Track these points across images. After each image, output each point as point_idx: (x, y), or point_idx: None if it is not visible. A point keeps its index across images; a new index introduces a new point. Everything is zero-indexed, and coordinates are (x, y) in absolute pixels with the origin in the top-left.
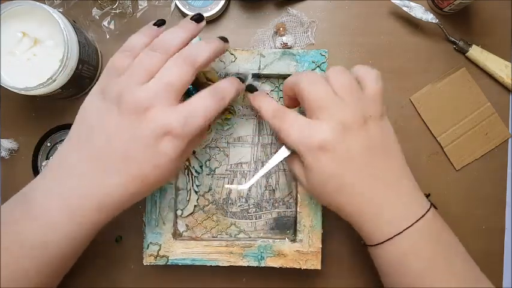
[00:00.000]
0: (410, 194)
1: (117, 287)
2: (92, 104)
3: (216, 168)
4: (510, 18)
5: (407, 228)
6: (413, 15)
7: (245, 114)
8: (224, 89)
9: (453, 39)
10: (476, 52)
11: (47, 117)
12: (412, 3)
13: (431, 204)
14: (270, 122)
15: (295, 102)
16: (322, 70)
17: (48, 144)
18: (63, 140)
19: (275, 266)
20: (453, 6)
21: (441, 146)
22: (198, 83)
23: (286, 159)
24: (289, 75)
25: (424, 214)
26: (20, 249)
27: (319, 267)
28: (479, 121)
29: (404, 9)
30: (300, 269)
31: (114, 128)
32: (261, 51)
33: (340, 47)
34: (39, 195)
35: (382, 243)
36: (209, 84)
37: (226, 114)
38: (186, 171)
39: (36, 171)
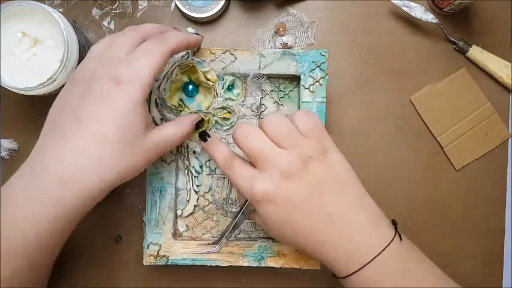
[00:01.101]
0: (371, 225)
1: (117, 287)
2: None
3: (216, 168)
4: (510, 18)
5: (368, 262)
6: (413, 15)
7: (245, 114)
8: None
9: (453, 39)
10: (476, 52)
11: (47, 117)
12: (412, 3)
13: (396, 232)
14: (223, 171)
15: None
16: (322, 70)
17: None
18: None
19: (275, 266)
20: (453, 6)
21: (441, 146)
22: (198, 83)
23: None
24: (289, 75)
25: (387, 245)
26: None
27: (319, 267)
28: (479, 121)
29: (404, 9)
30: (300, 269)
31: (69, 97)
32: (261, 51)
33: (340, 47)
34: (12, 181)
35: (345, 277)
36: (209, 84)
37: (225, 113)
38: (186, 171)
39: None
